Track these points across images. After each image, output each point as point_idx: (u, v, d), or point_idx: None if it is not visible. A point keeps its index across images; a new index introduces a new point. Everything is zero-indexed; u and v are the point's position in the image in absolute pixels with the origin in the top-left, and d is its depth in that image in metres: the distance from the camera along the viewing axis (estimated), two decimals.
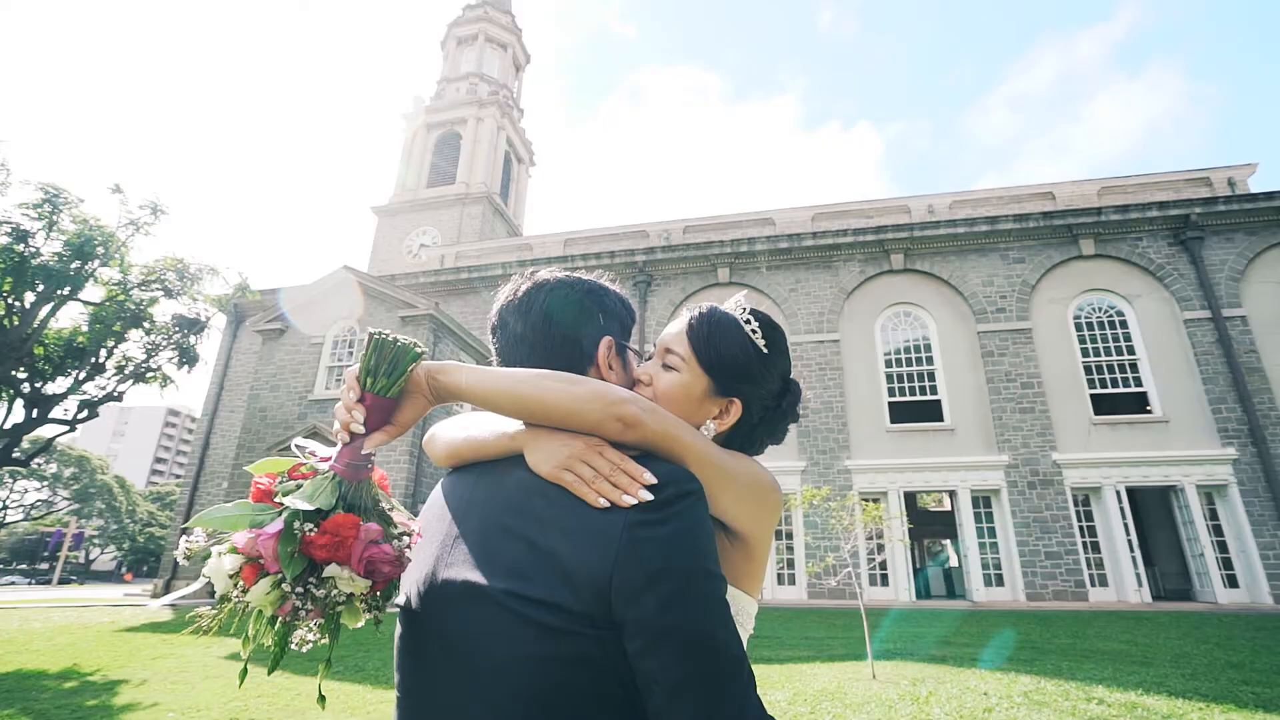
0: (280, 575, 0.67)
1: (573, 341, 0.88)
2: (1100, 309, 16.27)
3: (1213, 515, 14.23)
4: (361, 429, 0.75)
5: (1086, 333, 16.12)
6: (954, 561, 20.42)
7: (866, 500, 14.65)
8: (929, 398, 16.45)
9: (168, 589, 17.87)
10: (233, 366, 20.58)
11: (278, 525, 0.67)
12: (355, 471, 0.74)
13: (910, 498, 18.15)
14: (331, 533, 0.67)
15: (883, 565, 14.80)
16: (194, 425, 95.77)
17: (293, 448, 0.81)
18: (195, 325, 13.18)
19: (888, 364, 16.96)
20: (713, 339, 0.90)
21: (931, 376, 16.61)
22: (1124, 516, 14.14)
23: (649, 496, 0.67)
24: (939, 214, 19.74)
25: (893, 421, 16.30)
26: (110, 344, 12.69)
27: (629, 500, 0.67)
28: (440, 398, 0.79)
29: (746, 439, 0.94)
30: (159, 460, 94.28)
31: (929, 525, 22.28)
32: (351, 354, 16.50)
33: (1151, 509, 17.50)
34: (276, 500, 0.72)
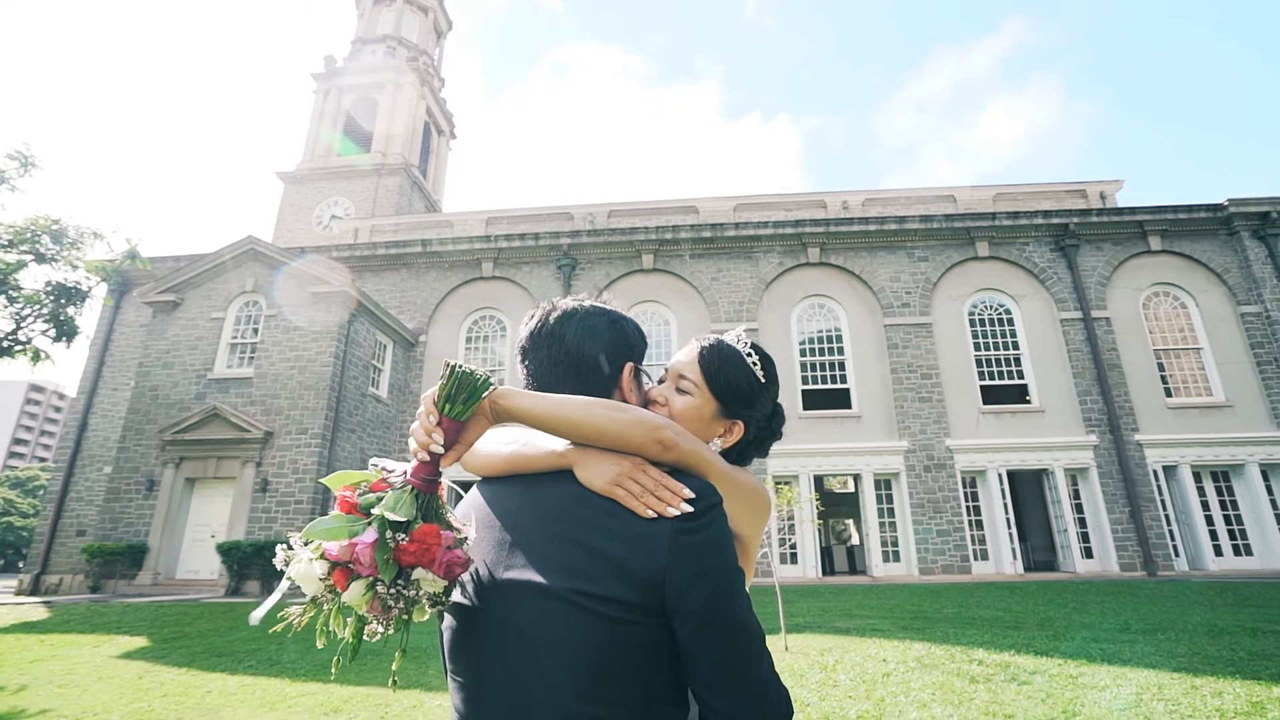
0: (373, 578, 0.76)
1: (602, 367, 0.99)
2: (991, 307, 17.76)
3: (1075, 495, 16.02)
4: (441, 450, 0.84)
5: (979, 328, 17.57)
6: (856, 539, 21.87)
7: (780, 484, 15.41)
8: (839, 386, 17.44)
9: (36, 584, 16.25)
10: (115, 341, 18.76)
11: (372, 535, 0.77)
12: (430, 485, 0.84)
13: (818, 480, 19.20)
14: (419, 541, 0.77)
15: (793, 545, 15.67)
16: (63, 403, 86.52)
17: (370, 465, 0.89)
18: (74, 295, 11.91)
19: (802, 353, 17.80)
20: (723, 368, 1.04)
21: (842, 366, 17.59)
22: (1004, 497, 15.67)
23: (689, 509, 0.80)
24: (853, 210, 20.78)
25: (805, 408, 17.16)
26: None
27: (673, 512, 0.80)
28: (500, 419, 0.88)
29: (741, 454, 1.09)
30: (19, 442, 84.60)
31: (834, 506, 23.68)
32: (256, 331, 15.50)
33: (1026, 490, 19.41)
34: (365, 512, 0.80)
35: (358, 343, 15.75)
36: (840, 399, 17.44)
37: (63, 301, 11.74)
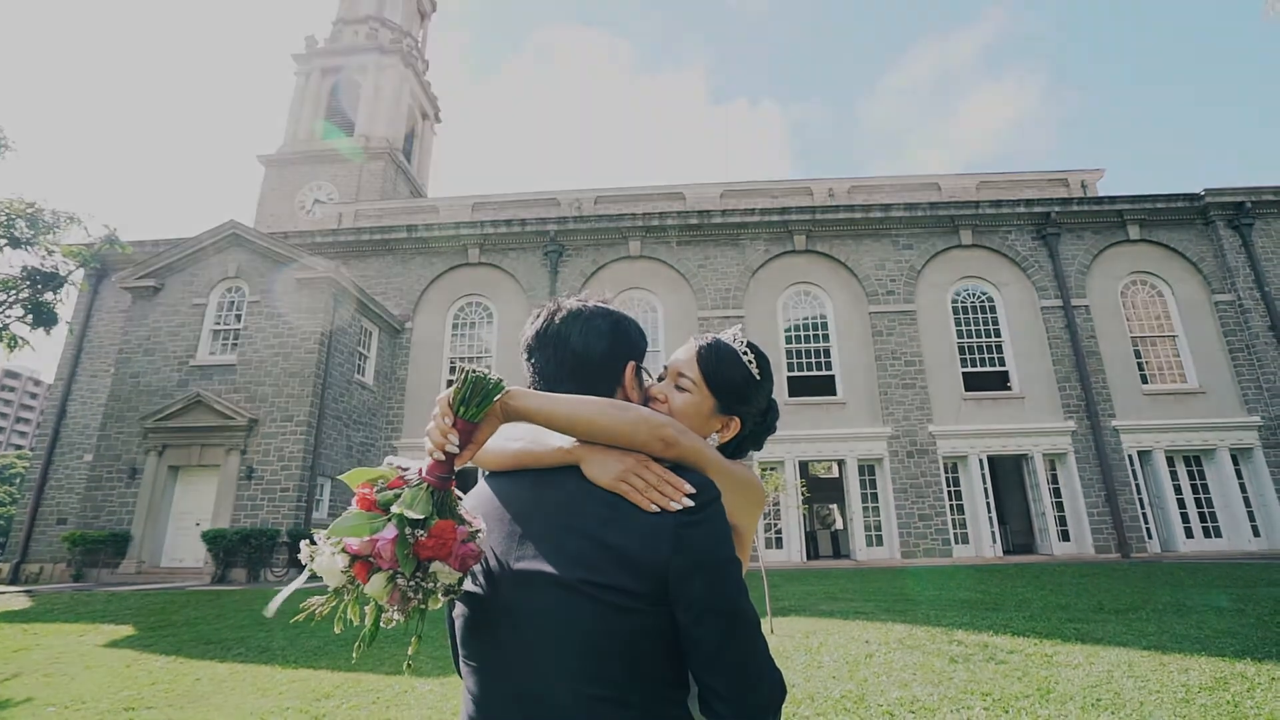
0: (394, 571, 0.81)
1: (607, 367, 1.04)
2: (974, 294, 17.97)
3: (1054, 479, 16.37)
4: (456, 450, 0.88)
5: (962, 316, 17.79)
6: (840, 524, 22.20)
7: (766, 470, 15.58)
8: (824, 373, 17.60)
9: (16, 573, 16.07)
10: (94, 326, 18.43)
11: (392, 531, 0.81)
12: (444, 483, 0.88)
13: (803, 466, 19.44)
14: (436, 536, 0.81)
15: (778, 530, 15.89)
16: (39, 389, 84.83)
17: (386, 463, 0.93)
18: (51, 280, 11.69)
19: (788, 340, 17.92)
20: (720, 367, 1.09)
21: (827, 353, 17.75)
22: (984, 482, 15.97)
23: (690, 503, 0.85)
24: (838, 198, 20.84)
25: (790, 395, 17.30)
26: None
27: (675, 506, 0.85)
28: (510, 419, 0.92)
29: (737, 448, 1.15)
30: None
31: (818, 491, 23.97)
32: (240, 318, 15.32)
33: (1006, 474, 19.79)
34: (385, 509, 0.84)
35: (343, 329, 15.61)
36: (825, 385, 17.61)
37: (39, 287, 11.52)
